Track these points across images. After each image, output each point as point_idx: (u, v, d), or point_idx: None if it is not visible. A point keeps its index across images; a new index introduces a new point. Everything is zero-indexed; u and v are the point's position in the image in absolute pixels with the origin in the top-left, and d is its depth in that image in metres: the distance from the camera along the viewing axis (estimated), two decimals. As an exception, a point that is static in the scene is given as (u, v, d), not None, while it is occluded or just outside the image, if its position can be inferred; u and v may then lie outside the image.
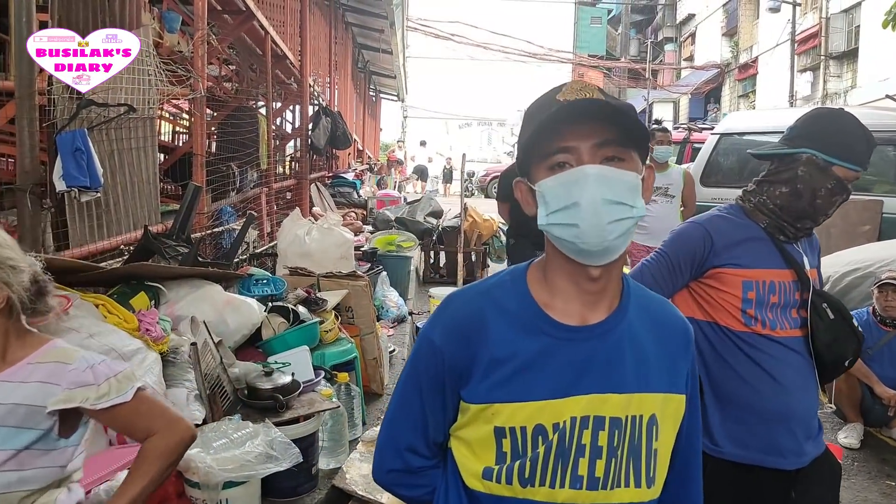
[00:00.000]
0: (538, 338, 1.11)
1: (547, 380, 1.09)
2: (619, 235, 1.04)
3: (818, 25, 22.59)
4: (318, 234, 4.28)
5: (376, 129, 22.88)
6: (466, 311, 1.15)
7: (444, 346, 1.14)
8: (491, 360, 1.11)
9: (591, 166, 1.04)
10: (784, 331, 1.91)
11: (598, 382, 1.10)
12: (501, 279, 1.18)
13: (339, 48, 12.09)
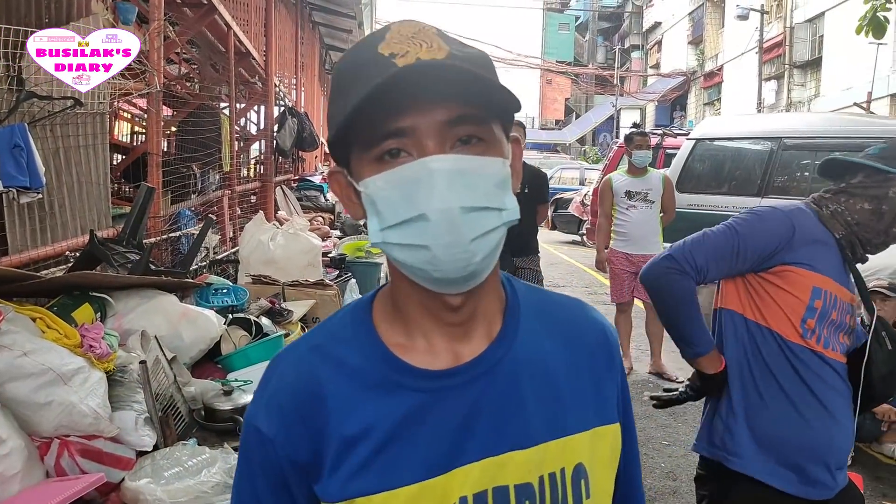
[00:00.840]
0: (399, 396, 0.79)
1: (420, 452, 0.78)
2: (486, 255, 0.74)
3: (783, 35, 22.93)
4: (284, 240, 4.02)
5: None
6: (293, 380, 0.82)
7: (274, 433, 0.80)
8: (341, 440, 0.79)
9: (438, 158, 0.72)
10: (834, 353, 1.78)
11: (490, 440, 0.79)
12: (338, 322, 0.86)
13: (305, 48, 11.81)
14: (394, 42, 0.74)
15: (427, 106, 0.72)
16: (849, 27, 19.07)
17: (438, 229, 0.71)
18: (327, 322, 0.88)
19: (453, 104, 0.73)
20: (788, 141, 6.85)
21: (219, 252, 5.26)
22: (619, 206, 5.14)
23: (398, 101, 0.71)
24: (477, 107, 0.74)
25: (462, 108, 0.73)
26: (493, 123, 0.76)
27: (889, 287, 4.03)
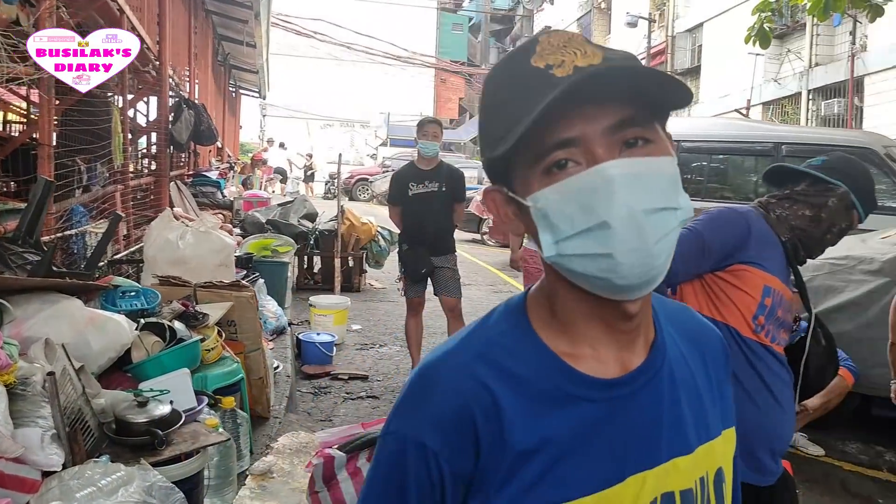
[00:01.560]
0: (573, 406, 0.77)
1: (595, 463, 0.77)
2: (667, 256, 0.73)
3: (665, 43, 24.04)
4: (194, 239, 3.77)
5: (236, 126, 21.78)
6: (464, 389, 0.77)
7: (440, 445, 0.76)
8: (514, 453, 0.76)
9: (614, 164, 0.71)
10: (778, 347, 1.89)
11: (660, 447, 0.80)
12: (496, 330, 0.82)
13: (199, 38, 11.28)
14: (546, 53, 0.74)
15: (591, 112, 0.72)
16: (724, 38, 20.24)
17: (622, 235, 0.70)
18: (480, 331, 0.83)
19: (618, 108, 0.72)
20: (686, 144, 7.14)
21: (114, 252, 4.89)
22: (532, 205, 5.17)
23: (564, 111, 0.71)
24: (640, 107, 0.73)
25: (626, 110, 0.73)
26: (656, 122, 0.76)
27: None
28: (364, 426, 3.02)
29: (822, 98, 17.18)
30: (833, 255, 4.58)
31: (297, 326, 6.08)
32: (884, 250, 4.47)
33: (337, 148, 28.47)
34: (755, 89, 17.84)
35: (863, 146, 6.46)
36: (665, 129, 0.79)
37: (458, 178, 5.09)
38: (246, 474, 3.13)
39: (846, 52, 15.91)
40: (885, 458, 4.18)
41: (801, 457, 4.13)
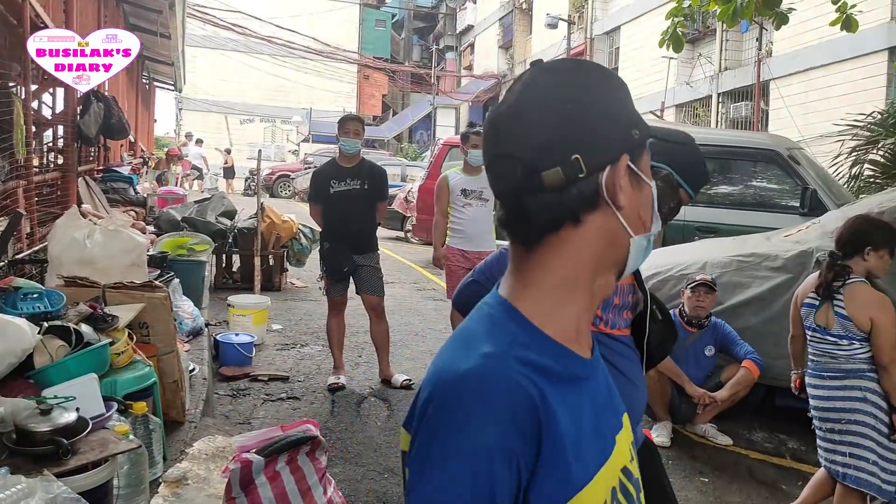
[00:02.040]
0: (579, 386, 0.86)
1: (599, 435, 0.86)
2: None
3: (584, 45, 24.58)
4: (103, 238, 3.61)
5: (150, 119, 21.01)
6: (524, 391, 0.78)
7: (520, 448, 0.76)
8: (560, 438, 0.79)
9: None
10: (620, 330, 2.05)
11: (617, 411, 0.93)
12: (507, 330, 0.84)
13: (109, 27, 10.83)
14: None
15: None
16: (640, 41, 20.82)
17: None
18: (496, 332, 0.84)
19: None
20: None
21: (15, 251, 4.63)
22: (454, 204, 5.19)
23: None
24: None
25: None
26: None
27: (712, 282, 4.44)
28: (284, 429, 2.97)
29: (731, 101, 17.94)
30: (740, 252, 4.78)
31: (215, 327, 5.91)
32: (786, 248, 4.70)
33: (257, 144, 27.85)
34: (669, 92, 18.47)
35: (767, 148, 6.78)
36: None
37: (380, 176, 5.06)
38: (159, 482, 3.01)
39: (753, 58, 16.66)
40: (788, 445, 4.40)
41: (710, 446, 4.31)
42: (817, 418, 3.17)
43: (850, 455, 3.01)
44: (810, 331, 3.19)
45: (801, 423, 3.99)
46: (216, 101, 31.72)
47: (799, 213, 6.14)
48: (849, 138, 7.72)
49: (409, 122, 37.20)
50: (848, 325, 3.01)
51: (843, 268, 3.07)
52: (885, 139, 7.39)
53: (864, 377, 3.01)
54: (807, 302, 3.20)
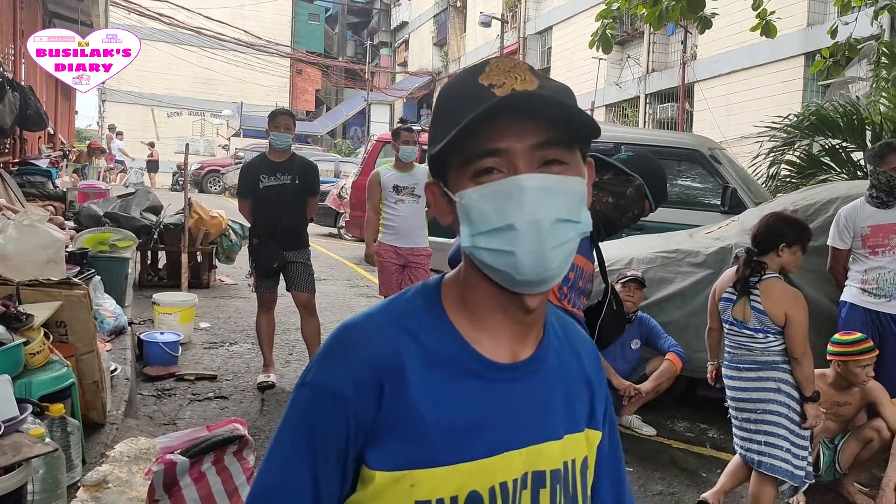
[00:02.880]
0: (466, 380, 0.89)
1: (480, 434, 0.88)
2: (562, 261, 0.87)
3: (517, 44, 24.86)
4: (17, 233, 3.46)
5: (71, 111, 20.18)
6: (379, 349, 0.88)
7: (351, 392, 0.86)
8: (410, 412, 0.86)
9: (529, 177, 0.84)
10: (578, 310, 2.26)
11: (534, 430, 0.92)
12: (411, 304, 0.93)
13: (26, 14, 10.37)
14: (493, 74, 0.87)
15: (520, 130, 0.84)
16: (571, 42, 21.18)
17: (525, 238, 0.83)
18: (397, 303, 0.94)
19: (542, 129, 0.84)
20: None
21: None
22: (387, 201, 5.18)
23: (497, 125, 0.84)
24: (562, 132, 0.85)
25: (549, 133, 0.85)
26: (574, 148, 0.88)
27: (642, 278, 4.56)
28: (209, 429, 2.90)
29: (658, 102, 18.46)
30: (664, 248, 4.93)
31: (139, 326, 5.74)
32: (708, 244, 4.87)
33: (185, 138, 27.10)
34: (599, 92, 18.87)
35: (691, 148, 7.01)
36: (584, 153, 0.91)
37: (311, 171, 5.00)
38: (77, 486, 2.91)
39: (679, 61, 17.17)
40: (709, 435, 4.57)
41: (635, 437, 4.43)
42: (734, 408, 3.30)
43: (766, 443, 3.14)
44: (727, 324, 3.31)
45: (721, 413, 4.13)
46: (141, 93, 30.70)
47: (720, 211, 6.37)
48: (767, 139, 8.04)
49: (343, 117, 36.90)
50: (763, 319, 3.13)
51: (758, 264, 3.19)
52: (801, 141, 7.73)
53: (778, 369, 3.15)
54: (724, 296, 3.33)
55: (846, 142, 7.37)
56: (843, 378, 3.61)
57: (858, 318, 3.99)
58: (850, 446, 3.68)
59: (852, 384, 3.61)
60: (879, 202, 4.04)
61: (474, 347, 0.91)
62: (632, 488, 3.54)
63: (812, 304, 3.22)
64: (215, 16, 28.26)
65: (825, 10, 13.75)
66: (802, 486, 3.14)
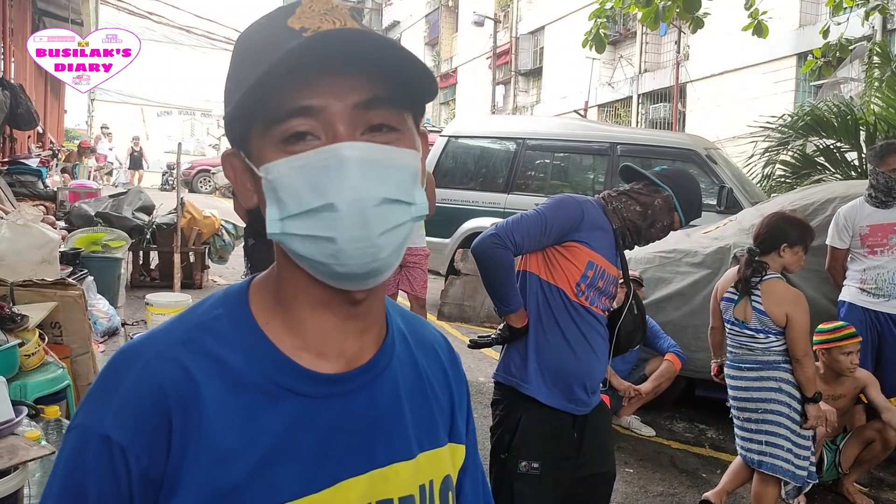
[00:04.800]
0: (284, 401, 0.71)
1: (304, 464, 0.71)
2: (393, 250, 0.70)
3: (509, 44, 24.86)
4: (11, 233, 3.41)
5: (60, 110, 20.03)
6: (162, 379, 0.69)
7: (129, 440, 0.67)
8: (214, 453, 0.68)
9: (351, 145, 0.67)
10: (597, 309, 2.30)
11: (377, 451, 0.76)
12: (210, 315, 0.74)
13: (16, 12, 10.27)
14: (304, 17, 0.70)
15: (339, 84, 0.67)
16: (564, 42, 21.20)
17: (347, 221, 0.66)
18: (191, 315, 0.75)
19: (366, 84, 0.68)
20: (531, 141, 7.40)
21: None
22: (383, 200, 5.15)
23: (310, 78, 0.66)
24: (390, 92, 0.69)
25: (374, 89, 0.68)
26: (405, 112, 0.73)
27: (640, 278, 4.56)
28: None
29: (651, 102, 18.50)
30: (662, 248, 4.92)
31: (132, 327, 5.68)
32: (706, 244, 4.86)
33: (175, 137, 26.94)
34: (591, 92, 18.88)
35: (687, 148, 7.01)
36: (419, 124, 0.75)
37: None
38: (74, 489, 2.87)
39: (672, 61, 17.21)
40: (708, 435, 4.56)
41: (634, 438, 4.41)
42: (735, 408, 3.29)
43: (766, 443, 3.13)
44: (729, 324, 3.30)
45: (720, 413, 4.13)
46: (131, 92, 30.51)
47: (716, 211, 6.38)
48: (761, 139, 8.06)
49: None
50: (765, 319, 3.12)
51: (760, 264, 3.18)
52: (795, 140, 7.74)
53: (779, 369, 3.14)
54: (726, 296, 3.31)
55: (840, 142, 7.39)
56: (831, 369, 3.59)
57: (857, 318, 3.99)
58: (852, 447, 3.67)
59: (841, 374, 3.59)
60: (878, 202, 4.04)
61: (293, 359, 0.73)
62: (632, 489, 3.53)
63: (810, 303, 3.21)
64: (205, 14, 28.12)
65: (817, 10, 13.82)
66: (806, 486, 3.14)
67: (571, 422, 2.29)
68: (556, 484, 2.25)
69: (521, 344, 2.30)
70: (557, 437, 2.26)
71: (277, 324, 0.74)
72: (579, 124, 8.64)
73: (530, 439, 2.23)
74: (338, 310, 0.74)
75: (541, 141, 7.45)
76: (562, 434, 2.27)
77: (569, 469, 2.27)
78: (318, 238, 0.67)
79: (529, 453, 2.22)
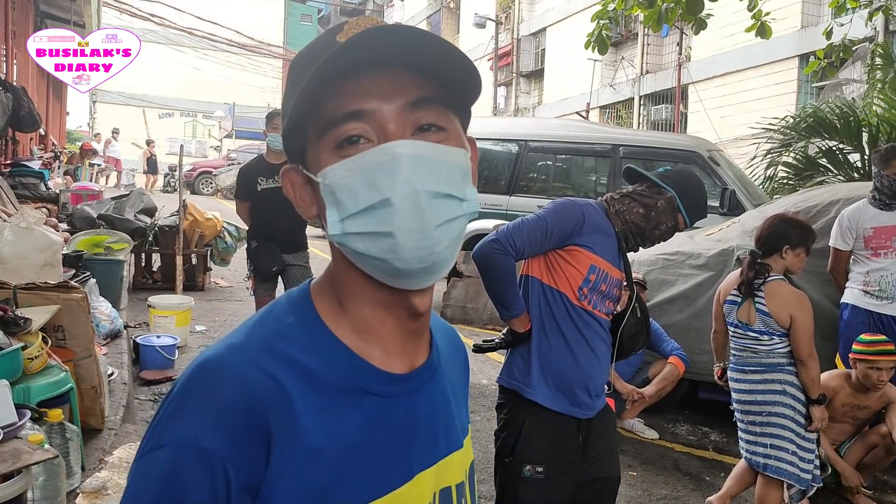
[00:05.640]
0: (361, 401, 0.74)
1: (384, 462, 0.74)
2: (449, 244, 0.72)
3: (511, 45, 24.85)
4: (14, 236, 3.40)
5: (62, 112, 20.05)
6: (255, 388, 0.69)
7: (230, 454, 0.67)
8: (305, 451, 0.70)
9: (403, 143, 0.69)
10: (600, 313, 2.30)
11: (440, 443, 0.81)
12: (283, 323, 0.76)
13: (18, 14, 10.28)
14: (352, 31, 0.72)
15: (386, 86, 0.70)
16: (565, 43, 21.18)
17: (403, 214, 0.69)
18: (265, 323, 0.76)
19: (414, 86, 0.71)
20: (533, 143, 7.39)
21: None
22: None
23: (359, 82, 0.69)
24: (438, 88, 0.72)
25: (423, 88, 0.71)
26: (452, 113, 0.75)
27: (644, 280, 4.56)
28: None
29: (652, 104, 18.48)
30: (665, 250, 4.91)
31: (135, 329, 5.68)
32: (708, 246, 4.85)
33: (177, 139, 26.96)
34: (593, 94, 18.88)
35: (689, 149, 7.00)
36: (465, 126, 0.78)
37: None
38: (77, 493, 2.87)
39: (673, 62, 17.20)
40: (711, 438, 4.55)
41: (637, 441, 4.41)
42: (739, 411, 3.28)
43: (771, 446, 3.12)
44: (732, 327, 3.29)
45: (723, 416, 4.12)
46: (133, 94, 30.53)
47: (719, 213, 6.37)
48: (763, 141, 8.05)
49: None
50: (768, 321, 3.12)
51: (763, 266, 3.18)
52: (797, 142, 7.73)
53: (783, 371, 3.13)
54: (729, 299, 3.31)
55: (843, 143, 7.38)
56: (861, 380, 3.58)
57: (860, 320, 3.98)
58: (855, 451, 3.67)
59: (868, 388, 3.58)
60: (882, 204, 4.03)
61: (366, 360, 0.76)
62: (635, 492, 3.52)
63: (813, 305, 3.21)
64: (207, 16, 28.14)
65: (819, 12, 13.80)
66: (810, 490, 3.13)
67: (576, 425, 2.29)
68: (560, 488, 2.25)
69: (525, 348, 2.31)
70: (562, 441, 2.26)
71: (346, 328, 0.77)
72: (581, 126, 8.65)
73: (534, 443, 2.23)
74: (398, 315, 0.77)
75: (543, 143, 7.45)
76: (566, 438, 2.27)
77: (573, 473, 2.27)
78: (376, 234, 0.69)
79: (534, 457, 2.22)
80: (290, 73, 0.77)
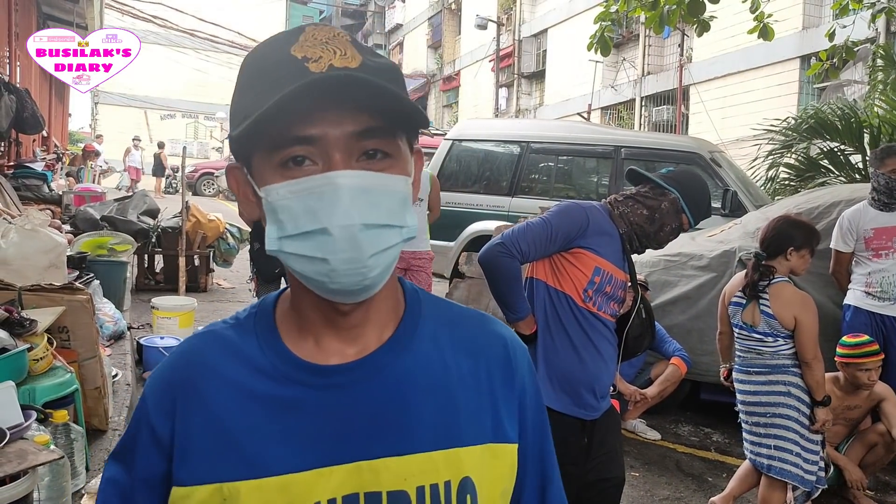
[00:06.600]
0: (282, 386, 0.81)
1: (294, 445, 0.78)
2: (382, 270, 0.76)
3: (512, 46, 24.86)
4: (19, 237, 3.42)
5: (64, 113, 20.07)
6: (186, 359, 0.84)
7: (157, 421, 0.82)
8: (218, 421, 0.80)
9: (345, 174, 0.72)
10: (605, 314, 2.32)
11: (366, 444, 0.79)
12: (247, 313, 0.88)
13: (21, 17, 10.30)
14: (307, 45, 0.75)
15: (337, 116, 0.73)
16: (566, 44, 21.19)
17: (339, 244, 0.73)
18: (239, 313, 0.89)
19: (363, 116, 0.74)
20: (535, 145, 7.40)
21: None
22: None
23: (310, 109, 0.72)
24: (386, 121, 0.75)
25: (371, 120, 0.74)
26: (399, 138, 0.78)
27: (646, 282, 4.57)
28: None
29: (654, 105, 18.48)
30: (667, 252, 4.92)
31: (138, 330, 5.70)
32: (711, 247, 4.86)
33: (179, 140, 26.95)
34: (594, 95, 18.88)
35: (691, 151, 7.00)
36: (413, 144, 0.81)
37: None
38: (82, 493, 2.88)
39: (675, 63, 17.21)
40: (713, 438, 4.56)
41: (640, 441, 4.41)
42: (743, 412, 3.28)
43: (775, 448, 3.13)
44: (737, 328, 3.30)
45: (725, 416, 4.13)
46: (134, 95, 30.57)
47: (721, 214, 6.37)
48: (765, 142, 8.05)
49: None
50: (773, 322, 3.12)
51: (767, 268, 3.18)
52: (799, 143, 7.74)
53: (788, 372, 3.13)
54: (734, 301, 3.31)
55: (844, 145, 7.38)
56: (850, 382, 3.60)
57: (863, 322, 3.99)
58: (855, 451, 3.67)
59: (858, 387, 3.60)
60: (882, 205, 4.04)
61: (295, 353, 0.82)
62: (638, 493, 3.53)
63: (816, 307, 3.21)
64: (209, 18, 28.17)
65: (820, 13, 13.81)
66: (815, 491, 3.13)
67: (580, 427, 2.31)
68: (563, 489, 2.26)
69: (530, 350, 2.31)
70: (566, 442, 2.26)
71: (291, 325, 0.84)
72: (583, 127, 8.65)
73: None
74: (331, 318, 0.82)
75: (545, 144, 7.45)
76: (570, 439, 2.28)
77: (576, 474, 2.27)
78: (313, 258, 0.74)
79: None
80: (241, 75, 0.79)
